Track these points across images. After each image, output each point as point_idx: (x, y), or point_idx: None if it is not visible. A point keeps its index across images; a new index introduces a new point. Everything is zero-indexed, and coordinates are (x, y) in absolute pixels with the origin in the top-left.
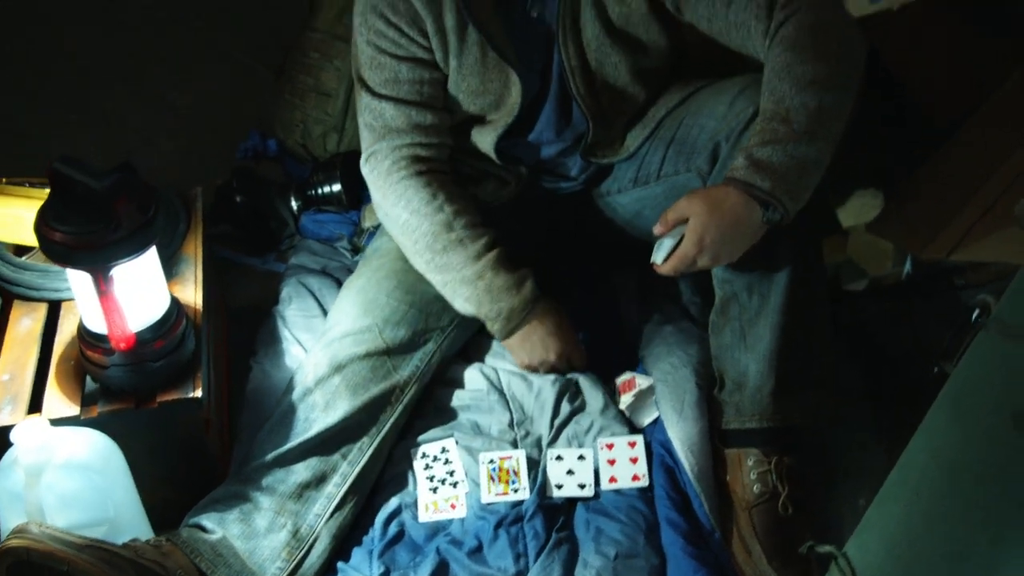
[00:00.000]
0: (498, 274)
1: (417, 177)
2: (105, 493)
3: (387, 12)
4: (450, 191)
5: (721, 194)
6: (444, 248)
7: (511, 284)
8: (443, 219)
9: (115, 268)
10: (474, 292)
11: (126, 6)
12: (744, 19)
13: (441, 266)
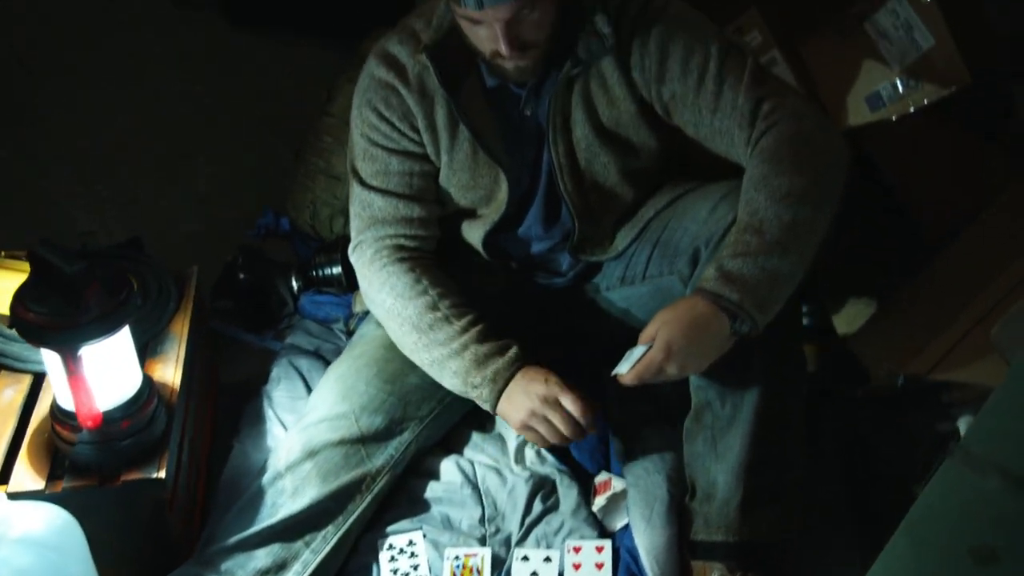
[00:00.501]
0: (483, 343)
1: (400, 263)
2: (60, 571)
3: (380, 106)
4: (434, 275)
5: (690, 304)
6: (430, 326)
7: (496, 350)
8: (428, 300)
9: (83, 349)
10: (461, 364)
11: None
12: (728, 127)
13: (427, 344)
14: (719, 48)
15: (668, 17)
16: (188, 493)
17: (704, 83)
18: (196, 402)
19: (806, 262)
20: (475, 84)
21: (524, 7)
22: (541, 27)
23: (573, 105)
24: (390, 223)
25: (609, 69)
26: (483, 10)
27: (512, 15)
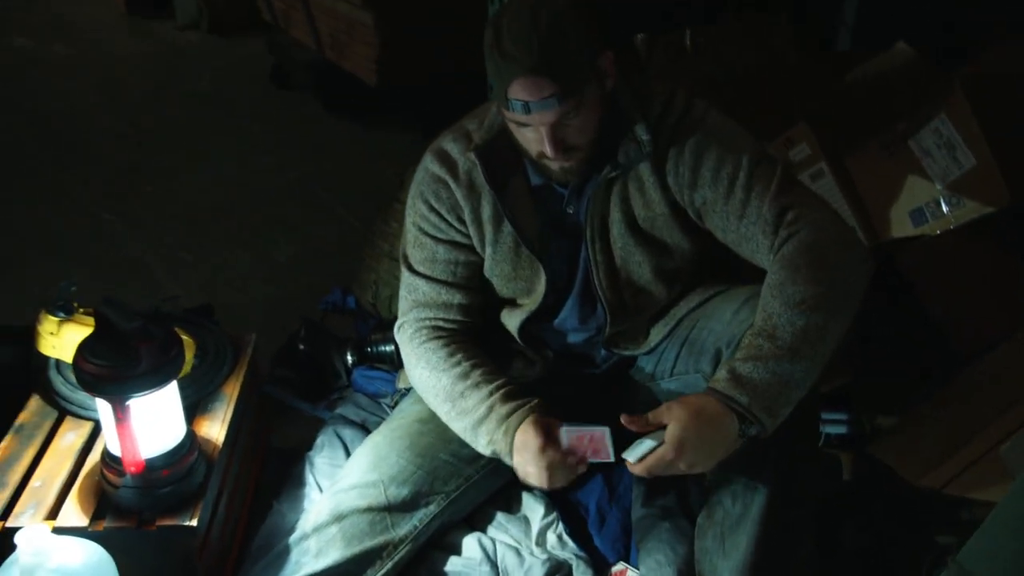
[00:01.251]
0: (506, 402)
1: (436, 341)
2: None
3: (431, 198)
4: (468, 349)
5: (701, 403)
6: (462, 393)
7: (518, 407)
8: (461, 370)
9: (131, 400)
10: (488, 427)
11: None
12: (753, 233)
13: (461, 411)
14: (750, 158)
15: (704, 127)
16: (221, 543)
17: (733, 191)
18: (240, 460)
19: (817, 368)
20: (521, 182)
21: (568, 113)
22: (584, 132)
23: (611, 205)
24: (431, 307)
25: (646, 173)
26: (530, 114)
27: (557, 119)
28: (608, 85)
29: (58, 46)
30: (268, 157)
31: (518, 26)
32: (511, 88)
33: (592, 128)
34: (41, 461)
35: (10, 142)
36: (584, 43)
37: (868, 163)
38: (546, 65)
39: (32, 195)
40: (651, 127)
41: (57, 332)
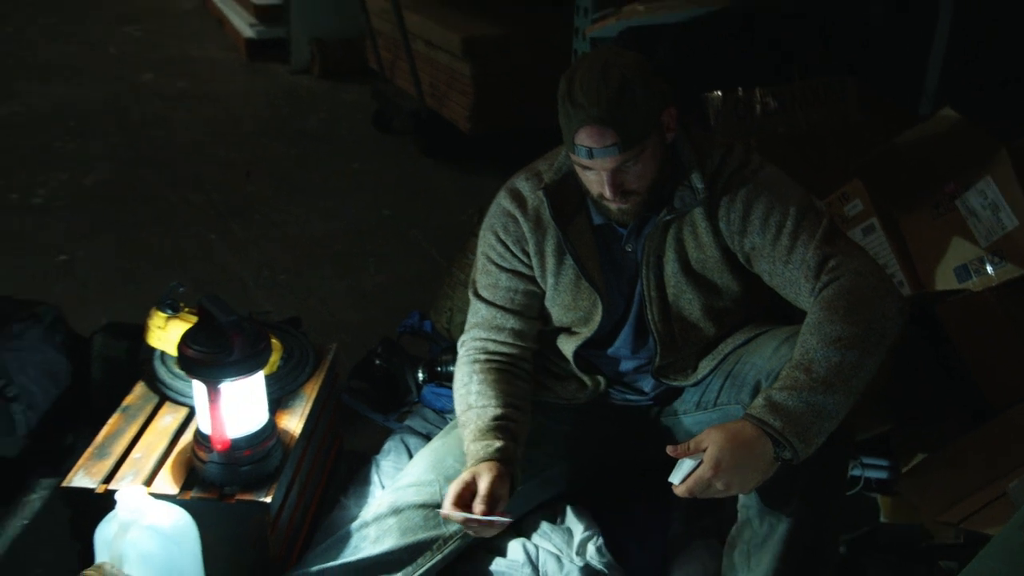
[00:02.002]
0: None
1: (470, 365)
2: (173, 560)
3: (500, 230)
4: (485, 377)
5: (738, 427)
6: (463, 424)
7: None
8: (467, 400)
9: (223, 384)
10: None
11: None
12: (796, 277)
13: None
14: (798, 208)
15: (757, 179)
16: (291, 524)
17: (780, 238)
18: (313, 454)
19: (849, 402)
20: (584, 220)
21: (628, 160)
22: (642, 178)
23: (666, 246)
24: (486, 328)
25: (699, 218)
26: (593, 160)
27: (617, 166)
28: (668, 137)
29: (181, 82)
30: (365, 194)
31: (589, 79)
32: (578, 135)
33: (650, 175)
34: (141, 437)
35: (132, 166)
36: (648, 99)
37: (917, 220)
38: (611, 117)
39: (149, 214)
40: (707, 176)
41: (164, 327)
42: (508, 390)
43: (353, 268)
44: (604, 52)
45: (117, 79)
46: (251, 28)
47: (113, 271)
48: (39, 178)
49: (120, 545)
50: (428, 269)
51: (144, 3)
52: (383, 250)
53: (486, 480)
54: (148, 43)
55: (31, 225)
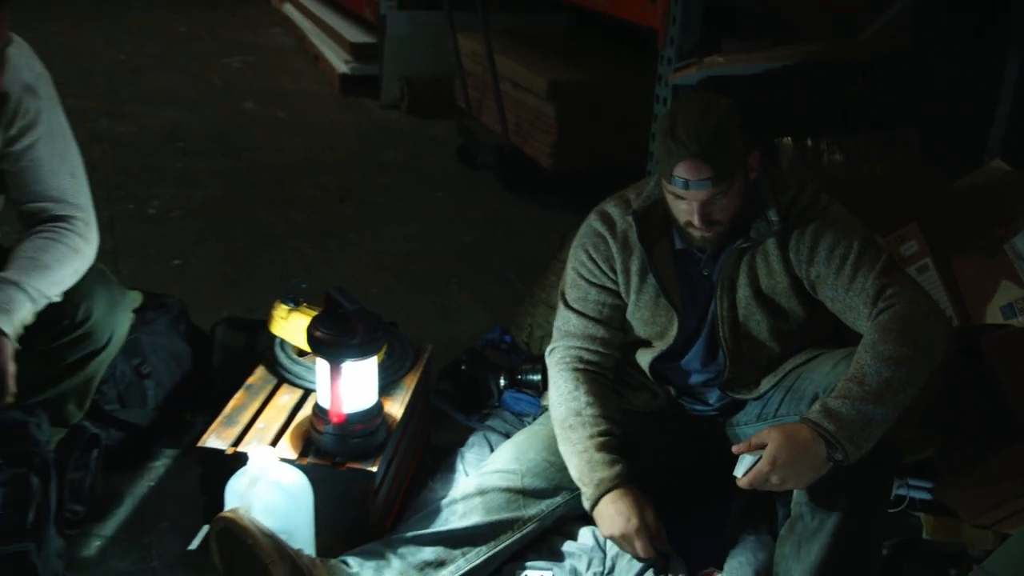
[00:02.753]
0: (599, 451)
1: (572, 372)
2: (291, 512)
3: (590, 249)
4: (591, 388)
5: (795, 429)
6: (571, 426)
7: (607, 461)
8: (576, 406)
9: (344, 363)
10: (579, 462)
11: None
12: (856, 304)
13: (564, 439)
14: (860, 243)
15: (825, 215)
16: (388, 495)
17: (844, 268)
18: (408, 439)
19: (895, 413)
20: (666, 245)
21: (718, 193)
22: (727, 211)
23: (740, 271)
24: (578, 337)
25: (772, 248)
26: (688, 191)
27: (708, 198)
28: (752, 176)
29: (279, 112)
30: (449, 222)
31: (690, 120)
32: (677, 167)
33: (733, 208)
34: (263, 411)
35: (236, 185)
36: (738, 142)
37: (968, 262)
38: (707, 154)
39: (251, 229)
40: (781, 211)
41: (286, 318)
42: (610, 403)
43: (438, 287)
44: (704, 97)
45: (221, 107)
46: (346, 65)
47: (220, 277)
48: (153, 191)
49: (249, 496)
50: (506, 291)
51: (245, 39)
52: (465, 272)
53: (650, 516)
54: (249, 75)
55: (148, 233)
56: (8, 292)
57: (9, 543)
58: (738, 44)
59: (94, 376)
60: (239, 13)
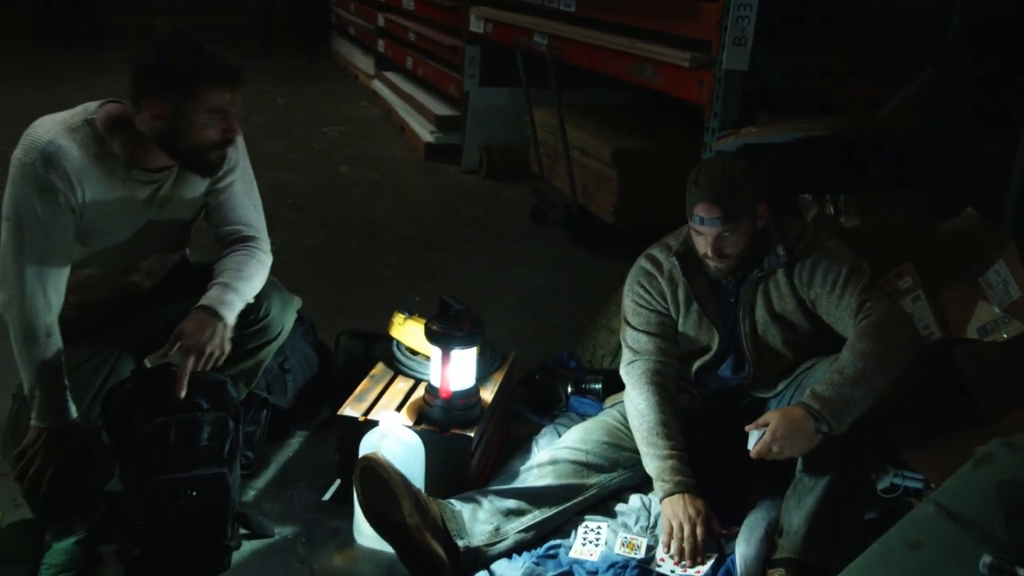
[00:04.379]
0: (680, 462)
1: (655, 387)
2: (410, 463)
3: (644, 283)
4: (668, 405)
5: (790, 410)
6: (657, 434)
7: (686, 472)
8: (663, 419)
9: (453, 351)
10: (662, 464)
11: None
12: (843, 316)
13: (649, 443)
14: (848, 269)
15: (822, 249)
16: (480, 460)
17: (835, 289)
18: (496, 420)
19: (870, 398)
20: (703, 278)
21: (726, 231)
22: (735, 247)
23: (757, 296)
24: (652, 352)
25: (781, 276)
26: (703, 226)
27: (718, 233)
28: (759, 224)
29: (372, 174)
30: (523, 268)
31: (711, 172)
32: (696, 207)
33: (741, 246)
34: (384, 393)
35: (339, 234)
36: (748, 194)
37: (951, 292)
38: (719, 199)
39: (353, 270)
40: (787, 247)
41: (403, 324)
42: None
43: (515, 318)
44: (724, 158)
45: (321, 169)
46: (430, 134)
47: (330, 307)
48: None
49: (380, 447)
50: (572, 323)
51: (339, 111)
52: (537, 309)
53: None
54: (343, 142)
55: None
56: (229, 295)
57: (212, 466)
58: (770, 117)
59: (263, 361)
60: (330, 88)
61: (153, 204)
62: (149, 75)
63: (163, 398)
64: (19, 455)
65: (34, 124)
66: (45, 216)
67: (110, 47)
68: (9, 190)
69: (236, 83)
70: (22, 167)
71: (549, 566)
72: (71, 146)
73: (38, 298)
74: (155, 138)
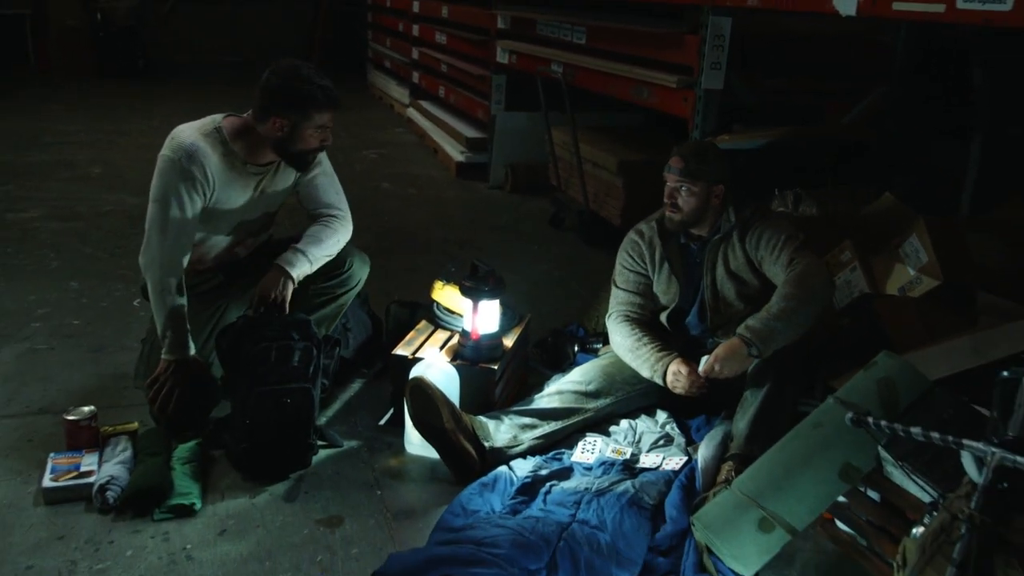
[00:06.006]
0: (660, 351)
1: (627, 321)
2: (447, 388)
3: (630, 250)
4: (642, 327)
5: (730, 340)
6: (636, 348)
7: (666, 351)
8: (637, 336)
9: (481, 302)
10: (649, 362)
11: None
12: (778, 272)
13: (632, 359)
14: (785, 235)
15: (767, 220)
16: (502, 392)
17: (774, 250)
18: (515, 362)
19: (791, 329)
20: (675, 243)
21: (682, 185)
22: (686, 203)
23: (716, 257)
24: (627, 304)
25: (735, 241)
26: (668, 173)
27: (676, 184)
28: (713, 202)
29: (410, 189)
30: (543, 264)
31: (692, 142)
32: (671, 160)
33: (691, 206)
34: (427, 341)
35: (384, 237)
36: (711, 168)
37: (879, 262)
38: (686, 156)
39: (399, 265)
40: (740, 217)
41: (442, 288)
42: (654, 330)
43: (533, 300)
44: (707, 140)
45: (364, 186)
46: (461, 154)
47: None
48: None
49: (425, 375)
50: (581, 304)
51: (376, 136)
52: (552, 292)
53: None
54: (382, 163)
55: None
56: (297, 256)
57: (301, 382)
58: (743, 128)
59: (344, 305)
60: (368, 116)
61: (255, 192)
62: (276, 97)
63: (264, 331)
64: (152, 382)
65: (177, 130)
66: (185, 199)
67: (163, 81)
68: (157, 180)
69: (336, 106)
70: (170, 162)
71: (554, 465)
72: (206, 147)
73: (173, 262)
74: (273, 143)
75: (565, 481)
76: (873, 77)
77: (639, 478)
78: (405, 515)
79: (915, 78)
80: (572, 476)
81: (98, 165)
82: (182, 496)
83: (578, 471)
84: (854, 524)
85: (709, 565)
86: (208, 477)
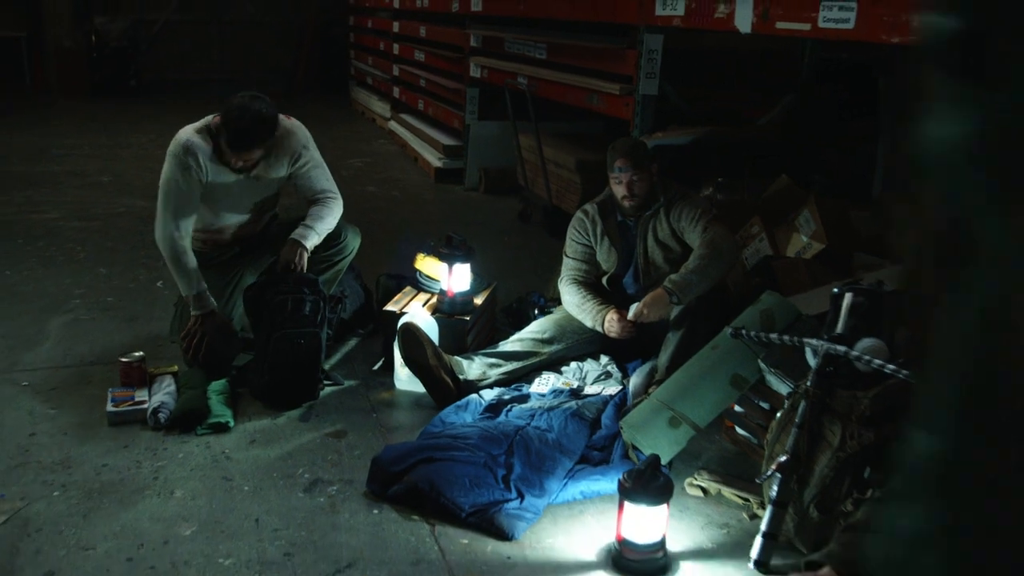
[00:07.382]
0: (600, 304)
1: (575, 283)
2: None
3: (577, 225)
4: (586, 286)
5: (656, 290)
6: (581, 304)
7: (605, 304)
8: (582, 294)
9: (455, 265)
10: (593, 314)
11: (502, 249)
12: (695, 238)
13: (579, 313)
14: (702, 209)
15: (688, 199)
16: (472, 342)
17: (692, 221)
18: (483, 322)
19: (704, 281)
20: (613, 219)
21: (635, 177)
22: (641, 188)
23: (648, 229)
24: (577, 270)
25: (663, 215)
26: (621, 173)
27: (630, 179)
28: (654, 179)
29: (394, 192)
30: (510, 250)
31: (623, 141)
32: (616, 162)
33: (645, 189)
34: (412, 300)
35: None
36: (647, 155)
37: (780, 232)
38: (629, 153)
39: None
40: (667, 197)
41: (424, 259)
42: (597, 291)
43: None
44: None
45: (352, 190)
46: (439, 160)
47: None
48: None
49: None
50: (541, 281)
51: (360, 147)
52: (521, 272)
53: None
54: (367, 170)
55: None
56: (307, 230)
57: (312, 327)
58: (676, 127)
59: (341, 270)
60: (352, 129)
61: (249, 178)
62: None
63: (282, 286)
64: (185, 335)
65: (180, 130)
66: (183, 184)
67: (154, 100)
68: (164, 170)
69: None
70: (172, 155)
71: (515, 393)
72: (199, 141)
73: (177, 233)
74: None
75: (523, 404)
76: (783, 87)
77: (583, 400)
78: (396, 430)
79: (820, 88)
80: (529, 401)
81: (106, 174)
82: (218, 416)
83: (534, 397)
84: (748, 428)
85: (633, 456)
86: (236, 406)
